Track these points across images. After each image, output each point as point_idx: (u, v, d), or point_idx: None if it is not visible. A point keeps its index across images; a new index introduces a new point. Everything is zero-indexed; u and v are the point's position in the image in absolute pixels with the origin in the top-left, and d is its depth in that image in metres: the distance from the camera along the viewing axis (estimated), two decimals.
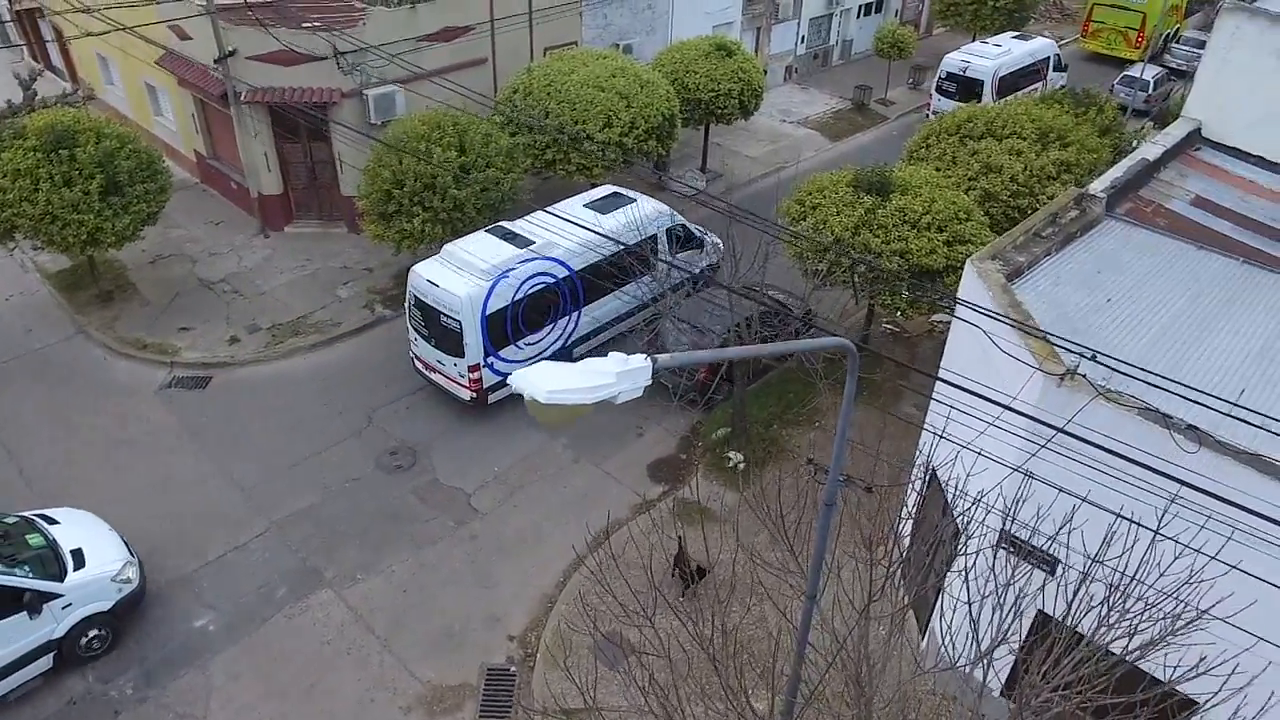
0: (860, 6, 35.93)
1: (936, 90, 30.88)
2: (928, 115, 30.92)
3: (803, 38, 33.75)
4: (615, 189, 20.11)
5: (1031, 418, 7.73)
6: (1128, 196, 15.30)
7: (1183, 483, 6.62)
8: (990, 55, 30.11)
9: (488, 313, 16.53)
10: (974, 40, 35.79)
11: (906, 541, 9.04)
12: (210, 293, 20.85)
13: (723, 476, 16.23)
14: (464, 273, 16.60)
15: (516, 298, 16.87)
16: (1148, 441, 9.09)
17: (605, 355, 4.88)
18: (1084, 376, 9.27)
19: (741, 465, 16.23)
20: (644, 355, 4.71)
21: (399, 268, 21.35)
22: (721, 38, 24.72)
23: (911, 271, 16.16)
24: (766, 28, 31.62)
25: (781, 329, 17.10)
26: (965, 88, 29.85)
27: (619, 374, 4.50)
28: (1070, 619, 7.97)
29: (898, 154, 21.56)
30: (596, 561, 10.94)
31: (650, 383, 4.63)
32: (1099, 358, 9.41)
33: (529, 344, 17.56)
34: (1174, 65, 37.87)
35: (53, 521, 13.59)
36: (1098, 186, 14.56)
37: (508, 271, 16.68)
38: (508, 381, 5.06)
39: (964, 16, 34.95)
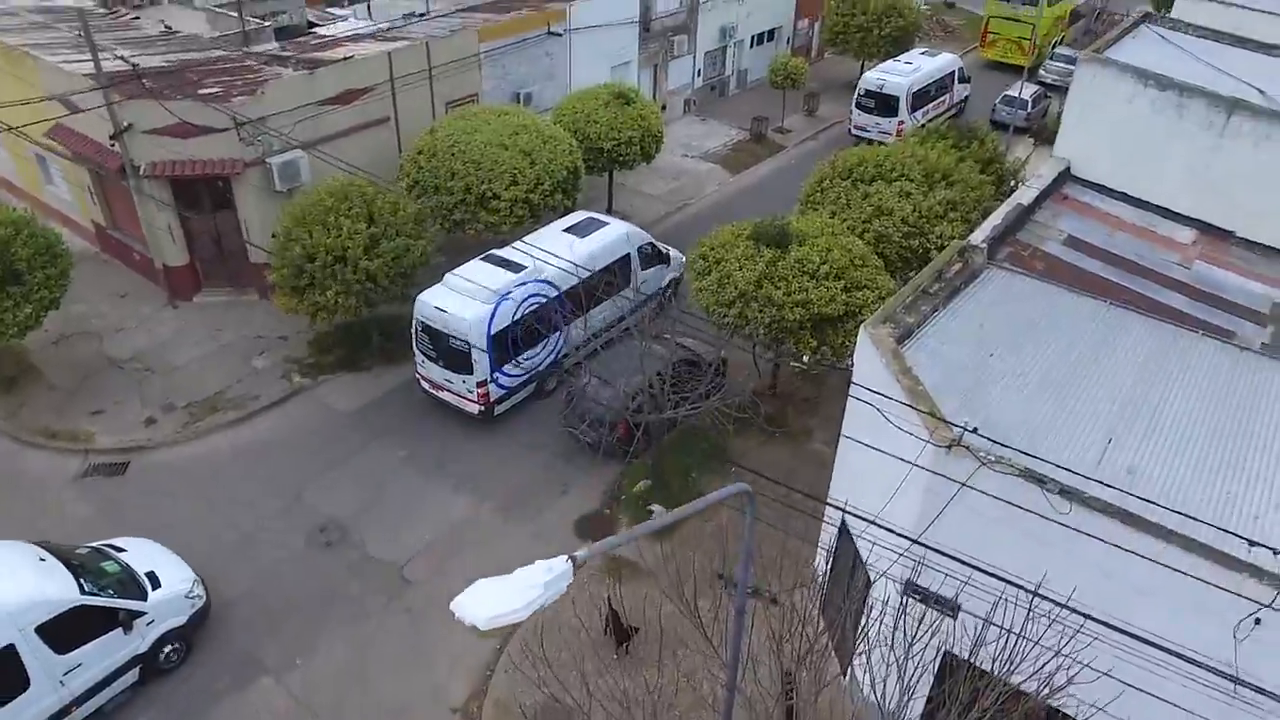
0: (753, 37, 37.03)
1: (856, 106, 33.03)
2: (849, 130, 33.34)
3: (699, 71, 34.68)
4: (589, 214, 21.82)
5: (913, 539, 8.49)
6: (1007, 242, 16.39)
7: (1034, 593, 7.42)
8: (903, 73, 32.52)
9: (492, 333, 18.13)
10: (861, 65, 37.41)
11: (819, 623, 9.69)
12: (121, 372, 20.61)
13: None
14: (468, 298, 18.19)
15: (516, 318, 18.51)
16: (1029, 499, 10.02)
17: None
18: (967, 448, 10.09)
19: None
20: (565, 558, 5.25)
21: (314, 335, 21.44)
22: (620, 85, 25.36)
23: (813, 319, 17.01)
24: (664, 64, 32.43)
25: (695, 382, 17.88)
26: (882, 103, 32.26)
27: (546, 583, 5.04)
28: (971, 659, 8.82)
29: (797, 185, 22.45)
30: (526, 638, 11.43)
31: (572, 581, 5.19)
32: (979, 421, 10.33)
33: (527, 359, 19.24)
34: (1049, 81, 40.02)
35: (119, 549, 14.78)
36: (979, 236, 15.58)
37: (507, 295, 18.35)
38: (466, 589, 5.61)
39: (852, 43, 36.36)
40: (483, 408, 18.77)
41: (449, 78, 24.61)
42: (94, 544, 14.86)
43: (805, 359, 16.89)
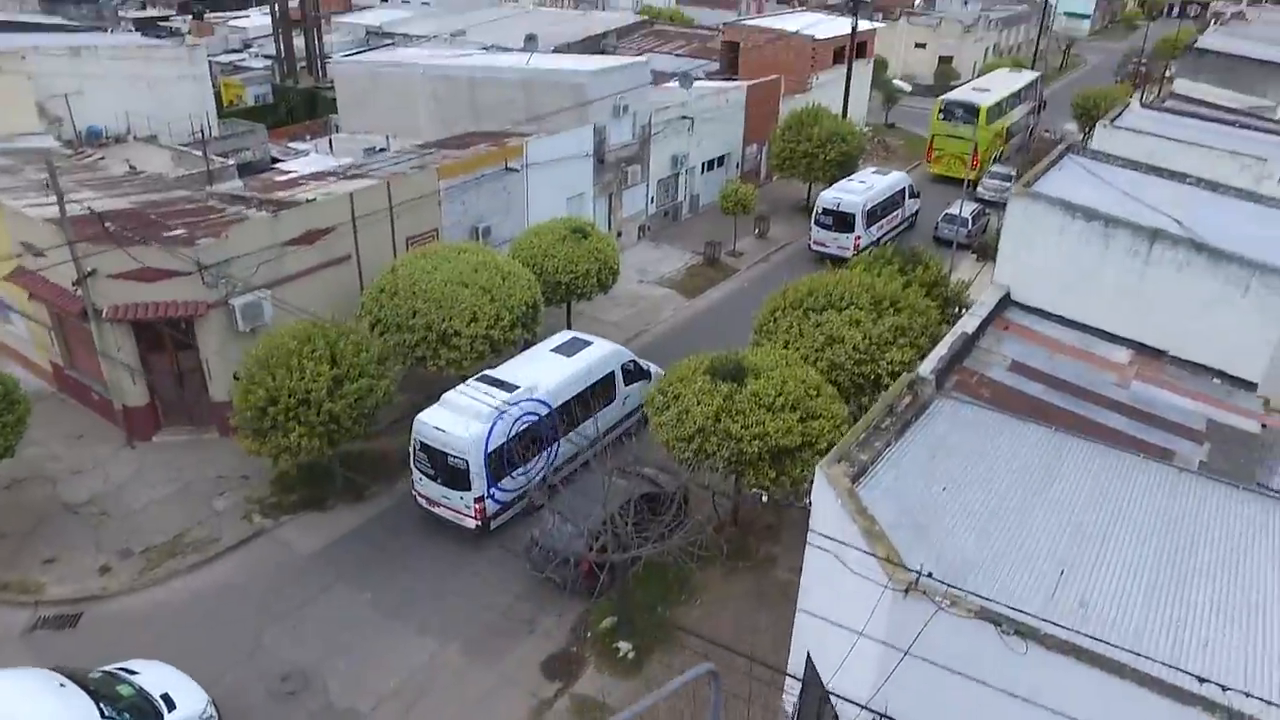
0: (704, 163, 38.52)
1: (815, 224, 35.23)
2: (809, 245, 35.43)
3: (652, 198, 35.91)
4: (574, 334, 23.19)
5: (863, 706, 8.66)
6: (954, 370, 17.04)
7: None
8: (857, 191, 34.84)
9: (489, 450, 18.93)
10: (809, 187, 39.06)
11: None
12: (75, 517, 20.31)
13: (614, 667, 16.72)
14: (466, 417, 19.08)
15: (511, 435, 19.32)
16: (986, 639, 10.27)
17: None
18: (923, 592, 10.36)
19: (631, 654, 16.79)
20: None
21: (276, 474, 21.36)
22: (576, 220, 26.20)
23: (771, 451, 17.38)
24: (618, 193, 33.55)
25: (659, 514, 18.18)
26: (840, 220, 34.79)
27: None
28: None
29: (751, 307, 23.12)
30: None
31: None
32: (934, 558, 10.62)
33: (521, 474, 19.90)
34: (987, 198, 42.00)
35: (132, 672, 15.10)
36: (927, 367, 16.19)
37: (502, 414, 19.24)
38: None
39: (799, 168, 37.98)
40: (479, 522, 19.37)
41: (409, 214, 25.28)
42: (107, 668, 15.18)
43: (764, 499, 17.16)
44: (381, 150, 33.62)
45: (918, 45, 66.84)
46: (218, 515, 20.41)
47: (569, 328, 27.36)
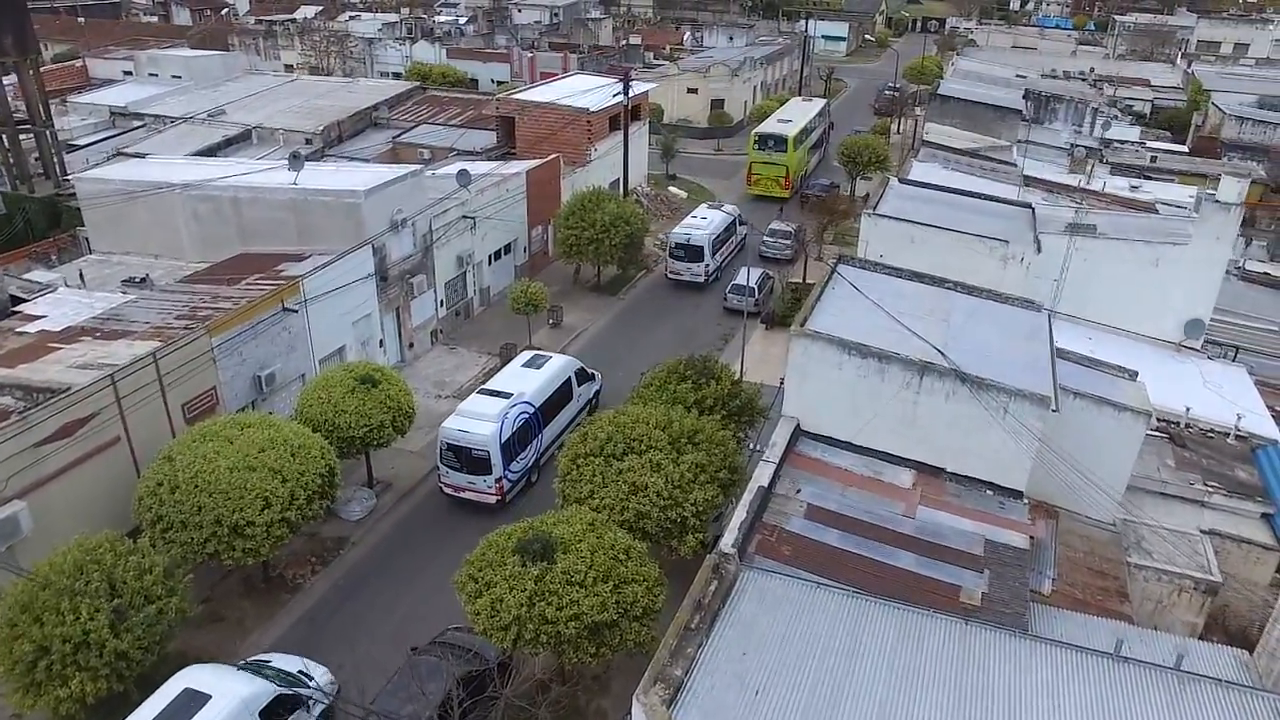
0: (490, 255, 38.14)
1: (670, 256, 42.19)
2: (666, 275, 42.63)
3: (442, 301, 35.20)
4: (535, 352, 29.77)
5: None
6: (755, 527, 17.63)
7: None
8: (702, 227, 42.02)
9: (502, 441, 24.98)
10: (598, 270, 39.63)
11: None
12: None
13: None
14: (482, 420, 25.14)
15: (514, 429, 25.60)
16: None
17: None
18: None
19: None
20: None
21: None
22: (364, 367, 25.14)
23: (589, 628, 17.41)
24: (405, 305, 32.67)
25: (482, 689, 17.98)
26: (691, 252, 41.36)
27: None
28: None
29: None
30: None
31: None
32: None
33: (521, 459, 26.17)
34: (770, 255, 43.94)
35: (266, 662, 19.16)
36: (729, 539, 16.67)
37: (506, 414, 25.45)
38: None
39: (586, 254, 38.31)
40: (499, 499, 25.45)
41: (183, 382, 23.61)
42: (246, 659, 19.48)
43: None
44: (143, 282, 31.25)
45: (690, 91, 68.94)
46: None
47: (369, 468, 26.60)
